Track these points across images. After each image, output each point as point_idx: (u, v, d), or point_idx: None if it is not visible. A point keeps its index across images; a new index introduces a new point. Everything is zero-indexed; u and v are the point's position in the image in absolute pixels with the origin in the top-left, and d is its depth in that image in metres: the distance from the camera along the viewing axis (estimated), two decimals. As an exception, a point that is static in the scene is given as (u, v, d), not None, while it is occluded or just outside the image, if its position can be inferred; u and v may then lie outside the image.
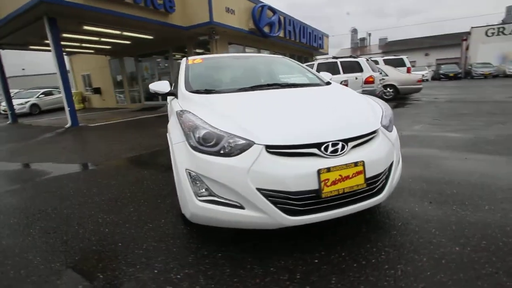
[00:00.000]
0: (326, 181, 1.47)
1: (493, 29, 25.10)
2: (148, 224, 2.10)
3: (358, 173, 1.54)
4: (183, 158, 1.66)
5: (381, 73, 9.22)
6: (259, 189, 1.45)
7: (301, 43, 14.52)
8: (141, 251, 1.76)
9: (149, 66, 13.47)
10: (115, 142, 5.50)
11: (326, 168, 1.48)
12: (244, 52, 12.36)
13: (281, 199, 1.47)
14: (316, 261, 1.55)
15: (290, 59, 3.38)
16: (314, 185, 1.46)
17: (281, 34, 12.53)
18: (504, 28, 24.64)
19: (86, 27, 8.19)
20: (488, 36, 25.23)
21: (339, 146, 1.54)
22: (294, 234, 1.80)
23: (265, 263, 1.56)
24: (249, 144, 1.50)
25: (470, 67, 22.57)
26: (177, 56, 12.39)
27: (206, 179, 1.55)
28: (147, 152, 4.50)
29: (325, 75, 2.93)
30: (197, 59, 2.97)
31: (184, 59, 3.06)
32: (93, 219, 2.25)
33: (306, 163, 1.48)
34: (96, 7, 6.81)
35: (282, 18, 12.27)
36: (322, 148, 1.52)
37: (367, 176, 1.57)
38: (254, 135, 1.53)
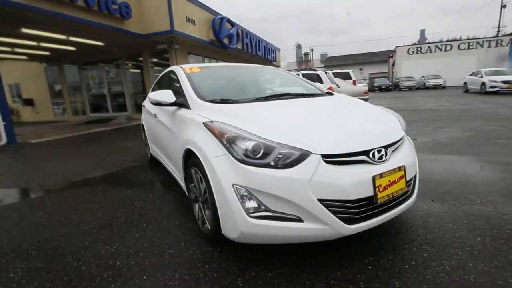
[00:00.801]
0: (379, 187, 1.52)
1: (413, 48, 29.54)
2: (168, 250, 1.87)
3: (401, 177, 1.63)
4: (227, 172, 1.54)
5: (336, 85, 10.02)
6: (320, 200, 1.42)
7: (257, 55, 14.93)
8: (177, 282, 1.55)
9: (96, 75, 12.25)
10: (73, 160, 4.81)
11: (379, 174, 1.53)
12: (204, 61, 12.18)
13: (340, 208, 1.46)
14: (370, 267, 1.58)
15: (283, 69, 3.45)
16: (369, 192, 1.50)
17: (239, 46, 12.72)
18: (421, 48, 29.22)
19: (25, 30, 7.10)
20: (409, 54, 29.55)
21: (383, 152, 1.62)
22: (329, 244, 1.79)
23: (323, 277, 1.52)
24: (305, 155, 1.47)
25: (397, 80, 26.07)
26: (129, 64, 11.56)
27: (259, 193, 1.46)
28: (118, 169, 4.04)
29: (320, 86, 3.07)
30: (194, 67, 2.83)
31: (177, 67, 2.88)
32: (92, 252, 1.91)
33: (361, 170, 1.51)
34: (42, 8, 5.97)
35: (239, 31, 12.49)
36: (370, 155, 1.57)
37: (407, 179, 1.67)
38: (308, 145, 1.50)
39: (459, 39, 28.93)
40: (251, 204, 1.48)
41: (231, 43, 11.64)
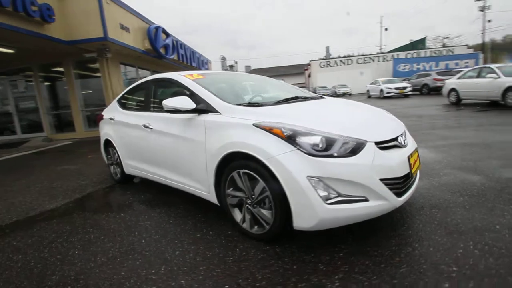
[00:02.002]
0: (411, 164, 1.90)
1: (324, 62, 34.06)
2: (228, 258, 1.81)
3: (418, 156, 2.06)
4: (299, 166, 1.65)
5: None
6: (381, 180, 1.68)
7: (192, 66, 14.73)
8: (264, 282, 1.55)
9: (-6, 89, 9.90)
10: (9, 194, 3.86)
11: (410, 154, 1.90)
12: (137, 73, 11.33)
13: (392, 184, 1.76)
14: (405, 229, 1.91)
15: (262, 76, 3.68)
16: (407, 169, 1.85)
17: (175, 57, 12.35)
18: (329, 62, 33.96)
19: None
20: (321, 67, 33.92)
21: (404, 138, 2.01)
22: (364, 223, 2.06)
23: (383, 246, 1.77)
24: (362, 143, 1.72)
25: (315, 89, 29.58)
26: (45, 75, 9.80)
27: (332, 181, 1.63)
28: (84, 194, 3.48)
29: (306, 91, 3.42)
30: (195, 74, 2.77)
31: (176, 74, 2.77)
32: (139, 282, 1.68)
33: (399, 153, 1.86)
34: None
35: (174, 42, 12.15)
36: (399, 141, 1.93)
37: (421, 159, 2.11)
38: (362, 136, 1.76)
39: (356, 54, 34.85)
40: (326, 192, 1.63)
41: (167, 53, 11.21)
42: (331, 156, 1.66)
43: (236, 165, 1.96)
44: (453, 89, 10.58)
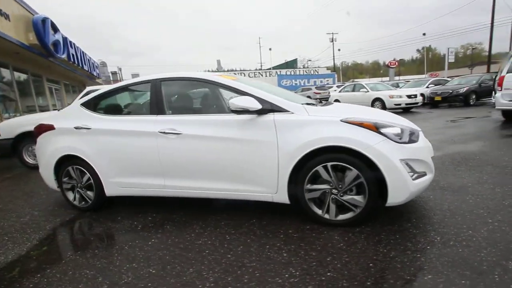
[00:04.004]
0: (431, 149, 2.57)
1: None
2: (330, 250, 1.92)
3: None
4: (392, 152, 1.99)
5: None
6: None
7: (83, 69, 12.31)
8: (382, 257, 1.78)
9: None
10: None
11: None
12: (13, 75, 8.53)
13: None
14: (429, 205, 2.57)
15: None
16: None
17: (65, 56, 10.05)
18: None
19: None
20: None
21: None
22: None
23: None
24: (418, 131, 2.24)
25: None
26: None
27: (412, 161, 2.05)
28: (55, 226, 2.59)
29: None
30: (229, 76, 2.66)
31: (212, 75, 2.59)
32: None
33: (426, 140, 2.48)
34: None
35: (64, 39, 9.89)
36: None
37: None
38: (413, 126, 2.27)
39: (248, 69, 38.07)
40: (410, 170, 2.04)
41: (58, 51, 9.03)
42: (408, 142, 2.09)
43: (322, 159, 2.09)
44: (336, 100, 13.46)
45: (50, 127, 3.01)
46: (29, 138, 5.35)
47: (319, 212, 2.19)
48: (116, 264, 1.94)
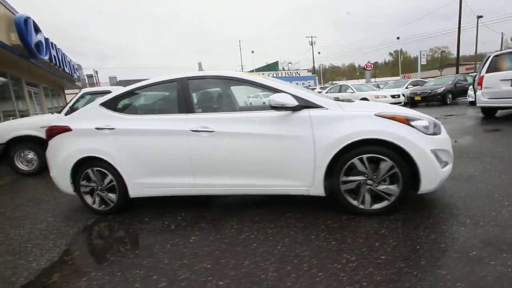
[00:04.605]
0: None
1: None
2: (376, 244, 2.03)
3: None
4: (423, 143, 2.15)
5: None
6: (450, 149, 2.44)
7: (64, 72, 11.75)
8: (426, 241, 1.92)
9: None
10: None
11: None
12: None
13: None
14: (452, 191, 2.77)
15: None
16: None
17: (47, 58, 9.56)
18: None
19: None
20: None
21: None
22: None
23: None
24: (440, 124, 2.42)
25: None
26: None
27: (439, 151, 2.22)
28: (79, 230, 2.50)
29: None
30: (255, 74, 2.72)
31: (236, 72, 2.64)
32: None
33: None
34: None
35: (45, 39, 9.41)
36: None
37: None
38: (435, 119, 2.46)
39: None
40: (439, 160, 2.20)
41: (41, 52, 8.58)
42: (434, 134, 2.26)
43: (358, 152, 2.21)
44: (324, 101, 13.86)
45: (66, 129, 2.90)
46: (22, 143, 5.07)
47: (355, 202, 2.31)
48: (165, 262, 1.93)
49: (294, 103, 2.27)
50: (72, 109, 5.26)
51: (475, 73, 13.39)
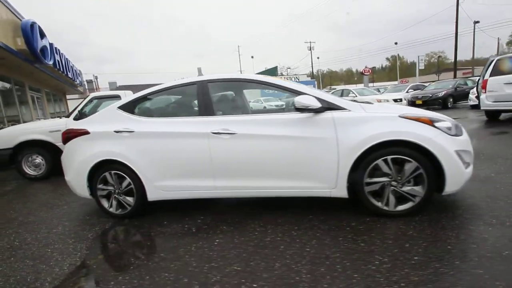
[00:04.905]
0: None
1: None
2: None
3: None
4: (448, 144, 2.16)
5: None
6: (470, 150, 2.45)
7: (67, 77, 11.76)
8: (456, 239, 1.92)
9: None
10: None
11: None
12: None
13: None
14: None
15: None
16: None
17: (51, 63, 9.57)
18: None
19: None
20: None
21: None
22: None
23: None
24: (460, 125, 2.43)
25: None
26: None
27: (462, 152, 2.23)
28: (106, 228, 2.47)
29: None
30: (274, 77, 2.74)
31: (263, 76, 2.64)
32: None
33: None
34: None
35: (50, 44, 9.43)
36: None
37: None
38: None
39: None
40: (462, 161, 2.21)
41: (46, 57, 8.59)
42: (456, 135, 2.27)
43: (383, 153, 2.21)
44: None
45: (83, 132, 2.89)
46: (29, 147, 5.04)
47: (378, 204, 2.30)
48: (193, 265, 1.91)
49: (318, 105, 2.28)
50: (81, 114, 5.26)
51: (475, 77, 13.55)
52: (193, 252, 2.08)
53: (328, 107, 2.35)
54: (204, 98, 2.65)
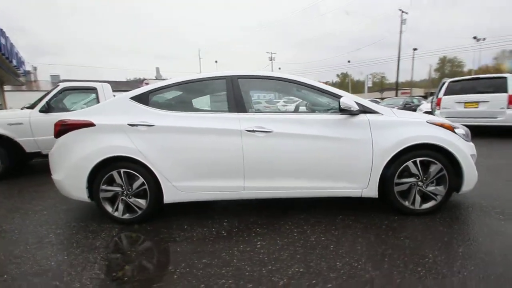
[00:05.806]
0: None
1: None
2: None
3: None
4: (465, 148, 2.42)
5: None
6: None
7: (12, 64, 10.12)
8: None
9: None
10: None
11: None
12: None
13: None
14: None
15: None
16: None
17: (-6, 47, 8.14)
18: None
19: None
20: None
21: None
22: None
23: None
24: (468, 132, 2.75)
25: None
26: None
27: (473, 156, 2.52)
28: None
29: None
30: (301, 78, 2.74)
31: (297, 77, 2.62)
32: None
33: None
34: None
35: (-7, 24, 8.03)
36: None
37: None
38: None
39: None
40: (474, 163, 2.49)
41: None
42: (469, 141, 2.56)
43: (414, 155, 2.38)
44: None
45: (87, 124, 2.51)
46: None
47: (406, 203, 2.45)
48: (247, 269, 1.77)
49: (357, 107, 2.36)
50: (49, 105, 4.57)
51: (426, 96, 15.38)
52: (239, 256, 1.93)
53: (363, 110, 2.44)
54: (235, 93, 2.53)
